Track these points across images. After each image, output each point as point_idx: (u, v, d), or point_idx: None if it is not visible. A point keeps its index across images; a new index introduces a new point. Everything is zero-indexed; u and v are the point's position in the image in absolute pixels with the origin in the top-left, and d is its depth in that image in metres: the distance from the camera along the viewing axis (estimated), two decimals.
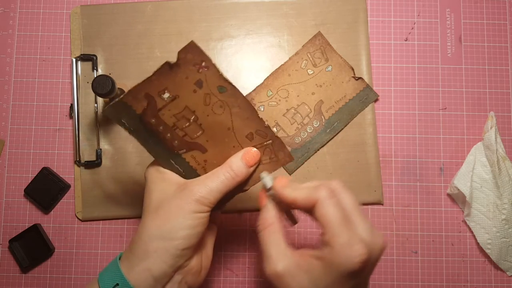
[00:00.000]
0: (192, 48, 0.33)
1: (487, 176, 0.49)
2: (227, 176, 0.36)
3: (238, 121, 0.36)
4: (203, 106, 0.35)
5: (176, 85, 0.34)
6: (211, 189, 0.35)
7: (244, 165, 0.36)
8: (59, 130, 0.51)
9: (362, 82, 0.51)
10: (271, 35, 0.52)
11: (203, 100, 0.35)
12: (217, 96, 0.35)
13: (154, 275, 0.34)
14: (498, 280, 0.49)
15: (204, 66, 0.33)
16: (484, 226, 0.49)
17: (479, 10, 0.53)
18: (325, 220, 0.32)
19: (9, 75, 0.52)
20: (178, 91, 0.34)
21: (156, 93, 0.34)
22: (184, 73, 0.34)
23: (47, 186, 0.49)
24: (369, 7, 0.53)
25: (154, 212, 0.35)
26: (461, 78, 0.52)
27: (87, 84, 0.50)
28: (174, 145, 0.37)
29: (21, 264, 0.49)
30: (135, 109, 0.35)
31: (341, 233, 0.31)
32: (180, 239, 0.34)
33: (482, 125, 0.51)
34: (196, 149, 0.37)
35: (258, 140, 0.36)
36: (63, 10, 0.53)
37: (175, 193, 0.36)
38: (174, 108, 0.35)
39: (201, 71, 0.34)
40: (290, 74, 0.51)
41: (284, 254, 0.33)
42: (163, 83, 0.34)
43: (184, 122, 0.36)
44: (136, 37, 0.51)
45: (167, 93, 0.34)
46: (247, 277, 0.49)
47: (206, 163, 0.38)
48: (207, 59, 0.33)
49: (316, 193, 0.33)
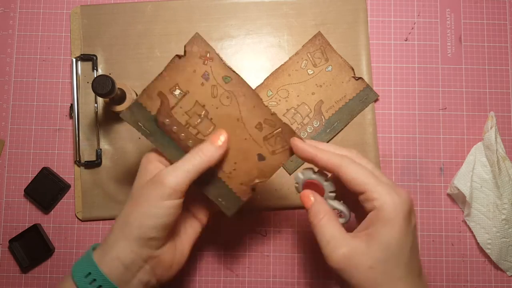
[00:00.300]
0: (197, 40, 0.35)
1: (487, 176, 0.49)
2: (195, 157, 0.35)
3: (245, 111, 0.37)
4: (211, 98, 0.36)
5: (185, 80, 0.36)
6: (180, 171, 0.35)
7: (213, 147, 0.36)
8: (59, 130, 0.51)
9: (362, 82, 0.51)
10: (271, 35, 0.52)
11: (211, 92, 0.36)
12: (223, 87, 0.36)
13: (124, 263, 0.34)
14: (498, 280, 0.49)
15: (209, 57, 0.35)
16: (484, 226, 0.49)
17: (479, 10, 0.53)
18: (360, 179, 0.32)
19: (9, 75, 0.52)
20: (188, 86, 0.36)
21: (168, 91, 0.36)
22: (192, 66, 0.36)
23: (47, 186, 0.49)
24: (369, 7, 0.53)
25: (130, 199, 0.36)
26: (461, 78, 0.52)
27: (87, 84, 0.50)
28: (189, 145, 0.37)
29: (21, 264, 0.49)
30: (150, 110, 0.37)
31: (379, 185, 0.32)
32: (147, 227, 0.34)
33: (482, 125, 0.51)
34: None
35: (268, 129, 0.37)
36: (63, 10, 0.53)
37: (147, 182, 0.35)
38: (185, 104, 0.37)
39: (206, 62, 0.35)
40: (290, 74, 0.51)
41: (345, 238, 0.33)
42: (174, 79, 0.36)
43: (196, 118, 0.37)
44: (136, 37, 0.51)
45: (178, 89, 0.36)
46: (247, 277, 0.49)
47: (221, 161, 0.38)
48: (212, 50, 0.35)
49: (338, 158, 0.34)
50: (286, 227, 0.50)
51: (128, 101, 0.47)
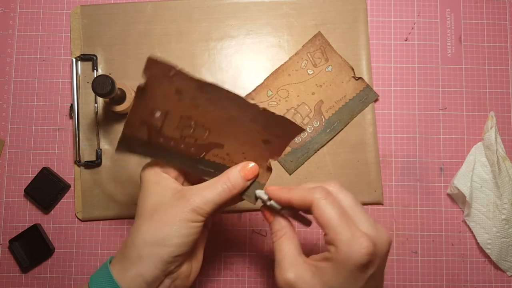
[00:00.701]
0: (152, 64, 0.32)
1: (487, 176, 0.49)
2: (224, 188, 0.36)
3: (234, 111, 0.35)
4: (194, 109, 0.35)
5: (160, 102, 0.34)
6: (207, 200, 0.35)
7: (242, 178, 0.36)
8: (59, 130, 0.51)
9: (362, 82, 0.51)
10: (271, 35, 0.52)
11: (191, 104, 0.34)
12: (202, 95, 0.34)
13: (147, 280, 0.34)
14: (498, 280, 0.49)
15: (173, 74, 0.32)
16: (484, 226, 0.49)
17: (479, 10, 0.53)
18: (325, 219, 0.32)
19: (9, 75, 0.52)
20: (166, 106, 0.34)
21: (148, 116, 0.35)
22: (160, 88, 0.33)
23: (47, 186, 0.49)
24: (369, 7, 0.53)
25: (149, 216, 0.35)
26: (461, 78, 0.52)
27: (87, 84, 0.50)
28: (192, 152, 0.37)
29: (21, 264, 0.49)
30: (140, 137, 0.36)
31: (342, 230, 0.31)
32: (174, 246, 0.34)
33: (482, 125, 0.51)
34: (213, 148, 0.37)
35: (264, 121, 0.36)
36: (63, 10, 0.53)
37: (171, 199, 0.35)
38: (172, 122, 0.35)
39: (174, 79, 0.33)
40: (290, 74, 0.51)
41: (295, 262, 0.33)
42: (148, 105, 0.34)
43: (188, 130, 0.36)
44: (136, 37, 0.51)
45: (158, 111, 0.34)
46: (247, 277, 0.49)
47: (229, 156, 0.38)
48: (172, 68, 0.32)
49: (310, 194, 0.33)
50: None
51: (128, 101, 0.47)
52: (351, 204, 0.33)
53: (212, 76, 0.51)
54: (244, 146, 0.37)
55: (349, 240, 0.31)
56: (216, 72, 0.51)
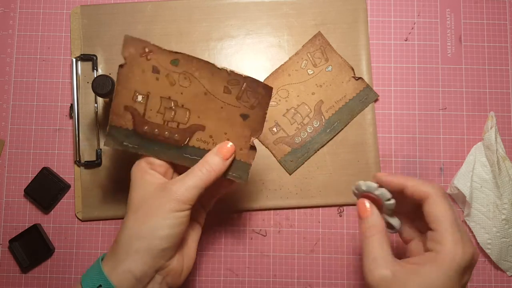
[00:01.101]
0: (129, 41, 0.35)
1: (487, 176, 0.49)
2: (204, 172, 0.36)
3: (207, 83, 0.37)
4: (172, 87, 0.36)
5: (140, 83, 0.36)
6: (189, 186, 0.35)
7: (220, 159, 0.37)
8: (59, 130, 0.51)
9: (362, 82, 0.51)
10: (271, 35, 0.52)
11: (168, 82, 0.36)
12: (176, 71, 0.36)
13: (136, 275, 0.34)
14: (498, 280, 0.49)
15: (148, 51, 0.35)
16: (484, 226, 0.49)
17: (479, 10, 0.53)
18: (439, 216, 0.32)
19: (9, 75, 0.52)
20: (146, 88, 0.36)
21: (131, 101, 0.36)
22: (138, 67, 0.35)
23: (47, 186, 0.49)
24: (369, 7, 0.53)
25: (134, 212, 0.36)
26: (461, 78, 0.52)
27: (87, 84, 0.50)
28: (176, 139, 0.38)
29: (21, 264, 0.49)
30: (126, 127, 0.37)
31: (453, 230, 0.31)
32: (160, 239, 0.34)
33: (482, 125, 0.51)
34: (196, 130, 0.38)
35: (236, 89, 0.37)
36: (63, 10, 0.53)
37: (154, 192, 0.36)
38: (153, 105, 0.37)
39: (149, 57, 0.35)
40: (290, 74, 0.51)
41: (391, 260, 0.33)
42: (129, 88, 0.36)
43: (170, 112, 0.37)
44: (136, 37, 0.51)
45: (139, 95, 0.36)
46: (247, 277, 0.49)
47: (212, 138, 0.38)
48: (148, 44, 0.35)
49: (428, 186, 0.33)
50: (286, 227, 0.50)
51: None
52: (454, 213, 0.33)
53: None
54: (225, 126, 0.38)
55: (458, 241, 0.31)
56: None
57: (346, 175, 0.50)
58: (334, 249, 0.50)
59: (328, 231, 0.50)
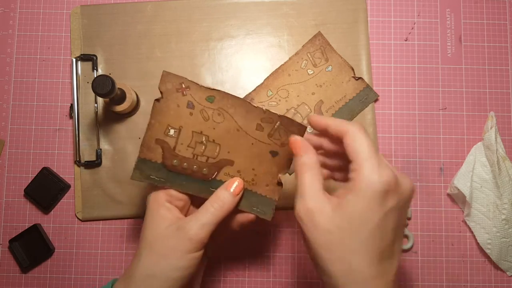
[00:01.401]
0: (167, 77, 0.36)
1: (487, 176, 0.49)
2: (215, 207, 0.36)
3: (240, 119, 0.37)
4: (205, 123, 0.37)
5: (174, 118, 0.37)
6: (202, 223, 0.36)
7: (230, 194, 0.37)
8: (59, 130, 0.51)
9: (362, 82, 0.51)
10: (271, 35, 0.52)
11: (202, 117, 0.37)
12: (210, 107, 0.37)
13: None
14: (498, 280, 0.49)
15: (185, 87, 0.36)
16: (484, 226, 0.49)
17: (479, 10, 0.53)
18: (355, 147, 0.32)
19: (9, 75, 0.52)
20: (179, 122, 0.37)
21: (163, 135, 0.37)
22: (173, 102, 0.36)
23: (47, 186, 0.49)
24: (369, 7, 0.53)
25: (149, 249, 0.36)
26: (461, 78, 0.52)
27: (87, 84, 0.50)
28: (204, 174, 0.38)
29: (21, 264, 0.49)
30: (155, 160, 0.38)
31: (369, 158, 0.31)
32: (175, 280, 0.35)
33: (482, 125, 0.51)
34: (224, 165, 0.39)
35: (268, 127, 0.38)
36: (63, 10, 0.53)
37: (169, 230, 0.36)
38: (184, 139, 0.37)
39: (185, 93, 0.36)
40: (290, 74, 0.51)
41: (318, 194, 0.33)
42: (163, 122, 0.37)
43: (200, 147, 0.38)
44: (136, 37, 0.51)
45: (172, 129, 0.37)
46: (247, 277, 0.49)
47: (240, 173, 0.39)
48: (184, 80, 0.36)
49: (347, 125, 0.34)
50: (286, 227, 0.50)
51: (128, 101, 0.47)
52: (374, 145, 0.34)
53: (212, 76, 0.51)
54: (253, 162, 0.38)
55: (372, 168, 0.31)
56: (216, 72, 0.51)
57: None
58: None
59: None
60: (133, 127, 0.50)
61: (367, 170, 0.31)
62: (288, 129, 0.37)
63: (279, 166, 0.39)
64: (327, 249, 0.31)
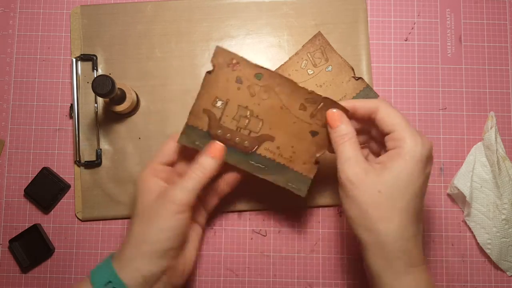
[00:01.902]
0: (220, 52, 0.38)
1: (487, 176, 0.49)
2: (197, 173, 0.38)
3: (285, 98, 0.39)
4: (251, 98, 0.39)
5: (222, 90, 0.39)
6: (185, 189, 0.37)
7: (212, 159, 0.39)
8: (59, 130, 0.51)
9: (362, 82, 0.51)
10: (271, 35, 0.52)
11: (249, 93, 0.39)
12: (258, 84, 0.39)
13: (143, 274, 0.36)
14: (498, 280, 0.49)
15: (235, 62, 0.38)
16: (484, 226, 0.49)
17: (479, 10, 0.53)
18: (391, 119, 0.36)
19: (9, 75, 0.52)
20: (226, 95, 0.39)
21: (211, 105, 0.39)
22: (223, 76, 0.38)
23: (47, 186, 0.49)
24: (369, 7, 0.53)
25: (139, 217, 0.39)
26: (461, 78, 0.52)
27: (87, 84, 0.50)
28: (245, 146, 0.40)
29: (21, 264, 0.49)
30: (201, 128, 0.40)
31: (408, 128, 0.35)
32: (163, 241, 0.37)
33: (482, 125, 0.51)
34: (265, 140, 0.40)
35: (311, 107, 0.39)
36: (63, 10, 0.53)
37: (156, 198, 0.38)
38: (230, 111, 0.39)
39: (235, 68, 0.38)
40: (290, 74, 0.51)
41: (363, 161, 0.36)
42: (212, 93, 0.39)
43: (244, 121, 0.39)
44: (136, 37, 0.51)
45: (219, 101, 0.39)
46: (247, 277, 0.49)
47: (279, 149, 0.40)
48: (236, 56, 0.38)
49: (375, 102, 0.37)
50: (286, 227, 0.50)
51: (128, 101, 0.47)
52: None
53: None
54: (293, 140, 0.40)
55: (415, 138, 0.34)
56: None
57: None
58: (334, 249, 0.50)
59: (328, 231, 0.50)
60: (133, 127, 0.50)
61: (410, 139, 0.34)
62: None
63: (318, 146, 0.40)
64: (376, 207, 0.34)
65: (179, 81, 0.51)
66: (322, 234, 0.50)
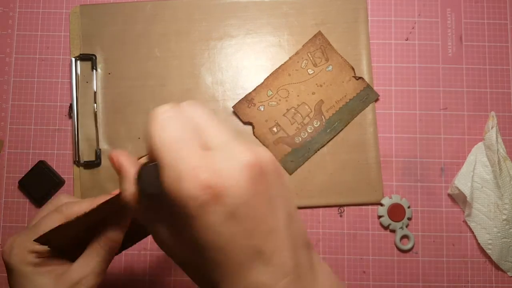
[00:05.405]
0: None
1: (488, 176, 0.49)
2: (106, 250, 0.31)
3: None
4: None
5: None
6: (94, 272, 0.31)
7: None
8: (58, 130, 0.51)
9: (363, 82, 0.51)
10: (271, 34, 0.52)
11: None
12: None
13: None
14: (499, 280, 0.49)
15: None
16: (485, 227, 0.49)
17: (480, 10, 0.53)
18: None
19: (8, 75, 0.52)
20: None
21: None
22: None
23: (41, 179, 0.49)
24: (370, 6, 0.53)
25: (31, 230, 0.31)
26: (462, 78, 0.52)
27: (86, 83, 0.50)
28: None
29: None
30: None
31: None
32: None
33: (483, 125, 0.51)
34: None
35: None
36: (62, 10, 0.53)
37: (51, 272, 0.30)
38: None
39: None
40: (290, 73, 0.51)
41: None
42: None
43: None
44: (135, 36, 0.51)
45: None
46: None
47: None
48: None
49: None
50: None
51: None
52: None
53: (211, 76, 0.51)
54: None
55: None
56: (216, 72, 0.51)
57: (346, 175, 0.50)
58: (334, 249, 0.49)
59: (328, 231, 0.50)
60: (132, 127, 0.50)
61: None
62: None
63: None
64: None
65: (178, 81, 0.51)
66: (322, 234, 0.50)
